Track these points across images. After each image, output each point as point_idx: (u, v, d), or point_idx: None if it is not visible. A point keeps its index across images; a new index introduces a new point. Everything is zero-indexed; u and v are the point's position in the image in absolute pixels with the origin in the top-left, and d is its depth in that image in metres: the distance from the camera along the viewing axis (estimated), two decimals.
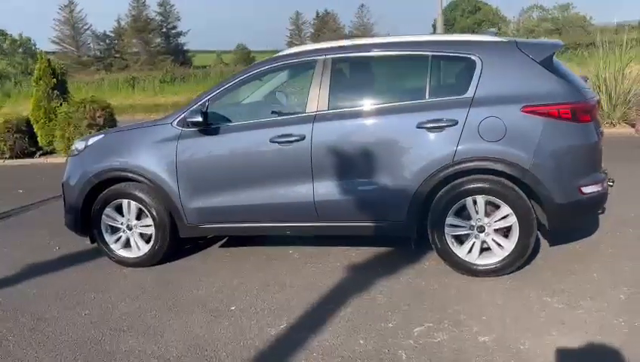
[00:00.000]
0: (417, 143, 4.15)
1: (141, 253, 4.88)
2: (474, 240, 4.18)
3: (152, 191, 4.73)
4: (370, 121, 4.31)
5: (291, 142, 4.36)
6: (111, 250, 4.94)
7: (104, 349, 3.58)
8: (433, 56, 4.26)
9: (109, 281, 4.70)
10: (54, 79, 11.87)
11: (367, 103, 4.43)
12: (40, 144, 11.92)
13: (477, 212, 4.13)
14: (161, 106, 21.18)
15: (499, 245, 4.14)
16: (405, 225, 4.29)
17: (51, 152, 11.92)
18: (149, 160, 4.68)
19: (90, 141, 5.02)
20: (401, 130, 4.20)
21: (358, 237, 4.87)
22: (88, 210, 4.91)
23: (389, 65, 4.64)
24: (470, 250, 4.20)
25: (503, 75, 4.12)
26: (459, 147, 4.04)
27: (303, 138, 4.34)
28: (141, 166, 4.69)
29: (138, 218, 4.86)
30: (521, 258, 4.13)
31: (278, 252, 5.07)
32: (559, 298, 3.81)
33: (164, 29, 72.49)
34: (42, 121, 11.72)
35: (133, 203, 4.79)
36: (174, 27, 72.74)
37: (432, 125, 4.10)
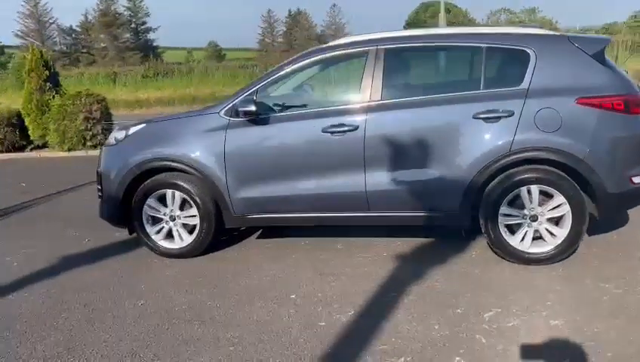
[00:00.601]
0: (473, 133, 4.21)
1: (184, 244, 4.82)
2: (527, 229, 4.27)
3: (198, 181, 4.68)
4: (424, 112, 4.34)
5: (344, 132, 4.38)
6: (153, 242, 4.86)
7: (175, 337, 3.53)
8: (488, 47, 4.33)
9: (153, 272, 4.63)
10: (47, 71, 11.56)
11: (421, 93, 4.49)
12: (32, 138, 11.59)
13: (531, 201, 4.22)
14: (143, 102, 20.87)
15: (551, 234, 4.24)
16: (459, 214, 4.36)
17: (43, 146, 11.61)
18: (196, 149, 4.63)
19: (131, 130, 4.93)
20: (456, 121, 4.26)
21: (399, 227, 4.92)
22: (127, 201, 4.84)
23: (443, 56, 4.70)
24: (522, 239, 4.28)
25: (557, 67, 4.22)
26: (516, 137, 4.12)
27: (356, 128, 4.37)
28: (188, 156, 4.64)
29: (181, 208, 4.80)
30: (573, 245, 4.24)
31: (319, 243, 5.08)
32: (616, 284, 3.93)
33: (133, 25, 71.44)
34: (34, 114, 11.38)
35: (177, 193, 4.73)
36: (144, 23, 71.82)
37: (488, 115, 4.18)
